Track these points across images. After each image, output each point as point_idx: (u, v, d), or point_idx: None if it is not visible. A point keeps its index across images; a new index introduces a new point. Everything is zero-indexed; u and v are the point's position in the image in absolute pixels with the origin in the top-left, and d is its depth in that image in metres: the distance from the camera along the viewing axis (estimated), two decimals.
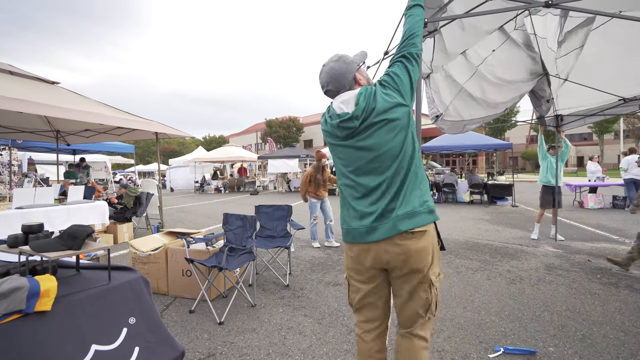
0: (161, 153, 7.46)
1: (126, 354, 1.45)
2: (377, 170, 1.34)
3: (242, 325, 2.63)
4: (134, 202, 6.23)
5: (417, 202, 1.33)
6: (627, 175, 8.07)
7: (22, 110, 3.76)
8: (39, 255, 1.46)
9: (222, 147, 20.24)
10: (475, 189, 10.73)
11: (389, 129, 1.31)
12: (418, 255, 1.32)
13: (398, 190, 1.33)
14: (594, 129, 31.51)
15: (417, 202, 1.33)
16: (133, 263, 3.36)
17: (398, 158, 1.33)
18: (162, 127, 6.12)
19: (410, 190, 1.33)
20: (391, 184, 1.33)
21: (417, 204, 1.33)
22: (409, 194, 1.33)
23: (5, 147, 7.68)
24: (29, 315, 1.26)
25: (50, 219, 4.20)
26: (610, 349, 2.21)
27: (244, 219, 3.36)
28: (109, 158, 13.86)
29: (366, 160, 1.36)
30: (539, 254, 4.54)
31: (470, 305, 2.93)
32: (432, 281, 1.37)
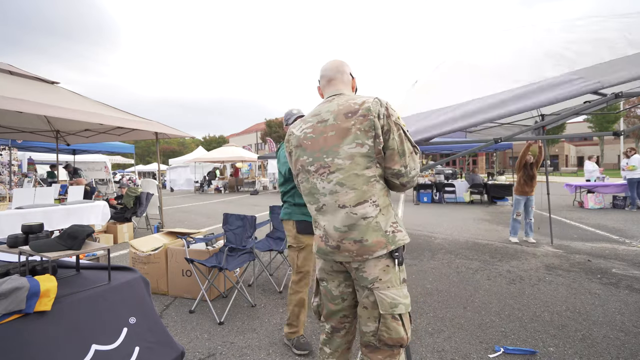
0: (161, 153, 7.46)
1: (126, 354, 1.45)
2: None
3: (242, 325, 2.63)
4: (133, 202, 6.23)
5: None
6: (636, 175, 8.06)
7: (22, 110, 3.76)
8: (39, 255, 1.45)
9: (222, 147, 20.24)
10: (475, 189, 10.74)
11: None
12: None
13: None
14: (594, 129, 31.53)
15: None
16: (133, 263, 3.36)
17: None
18: (162, 127, 6.12)
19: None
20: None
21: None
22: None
23: (5, 147, 7.67)
24: (29, 315, 1.26)
25: (50, 219, 4.20)
26: (610, 349, 2.21)
27: (244, 219, 3.35)
28: (109, 158, 13.85)
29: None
30: (539, 254, 4.54)
31: (470, 305, 2.93)
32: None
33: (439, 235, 5.88)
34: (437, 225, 6.79)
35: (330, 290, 1.40)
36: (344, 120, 1.27)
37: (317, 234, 1.38)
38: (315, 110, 1.41)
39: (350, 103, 1.29)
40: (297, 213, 2.25)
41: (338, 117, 1.29)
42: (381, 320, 1.25)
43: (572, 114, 2.49)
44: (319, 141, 1.32)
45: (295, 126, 1.45)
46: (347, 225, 1.25)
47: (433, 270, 3.91)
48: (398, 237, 1.26)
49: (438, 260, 4.32)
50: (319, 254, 1.38)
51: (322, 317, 1.47)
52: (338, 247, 1.27)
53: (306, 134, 1.37)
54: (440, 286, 3.39)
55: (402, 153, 1.27)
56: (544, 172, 5.21)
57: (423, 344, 2.31)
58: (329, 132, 1.30)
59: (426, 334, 2.46)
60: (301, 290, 2.30)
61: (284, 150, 1.92)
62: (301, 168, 1.39)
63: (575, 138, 7.03)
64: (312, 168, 1.34)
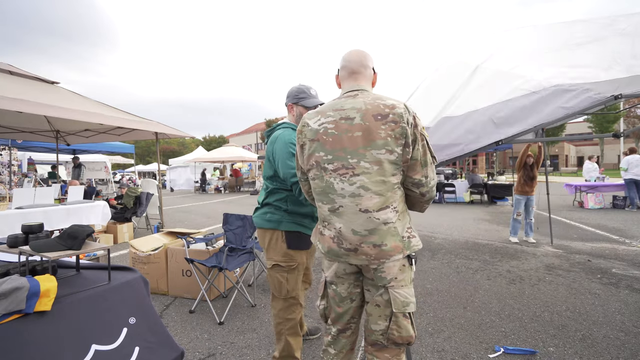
0: (161, 153, 7.46)
1: (126, 354, 1.45)
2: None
3: (242, 325, 2.63)
4: (133, 202, 6.23)
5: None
6: (628, 175, 8.08)
7: (22, 110, 3.76)
8: (39, 255, 1.45)
9: (222, 147, 20.25)
10: (475, 189, 10.74)
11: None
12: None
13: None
14: (594, 129, 31.53)
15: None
16: (133, 263, 3.36)
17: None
18: (162, 127, 6.12)
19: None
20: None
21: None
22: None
23: (5, 147, 7.68)
24: (29, 315, 1.26)
25: (50, 219, 4.20)
26: (610, 349, 2.21)
27: (244, 219, 3.35)
28: (109, 158, 13.86)
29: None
30: (539, 254, 4.54)
31: (470, 305, 2.93)
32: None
33: (439, 235, 5.88)
34: (437, 225, 6.79)
35: (339, 293, 1.36)
36: (372, 122, 1.21)
37: (326, 234, 1.31)
38: (336, 103, 1.31)
39: (379, 104, 1.24)
40: (289, 221, 1.78)
41: (366, 117, 1.23)
42: (392, 318, 1.25)
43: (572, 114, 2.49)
44: (342, 139, 1.25)
45: (312, 118, 1.34)
46: (368, 230, 1.22)
47: (433, 270, 3.91)
48: (413, 243, 1.27)
49: (438, 260, 4.32)
50: (330, 256, 1.32)
51: (329, 320, 1.43)
52: (355, 250, 1.24)
53: (327, 129, 1.28)
54: (440, 286, 3.39)
55: (424, 163, 1.27)
56: (544, 173, 5.20)
57: (423, 344, 2.31)
58: (355, 131, 1.23)
59: (426, 334, 2.46)
60: (294, 317, 1.88)
61: (288, 147, 1.68)
62: (315, 164, 1.31)
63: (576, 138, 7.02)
64: (330, 166, 1.27)
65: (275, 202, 1.81)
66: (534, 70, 2.63)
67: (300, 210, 1.79)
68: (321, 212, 1.34)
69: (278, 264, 1.81)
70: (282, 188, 1.79)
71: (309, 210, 1.81)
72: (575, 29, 3.08)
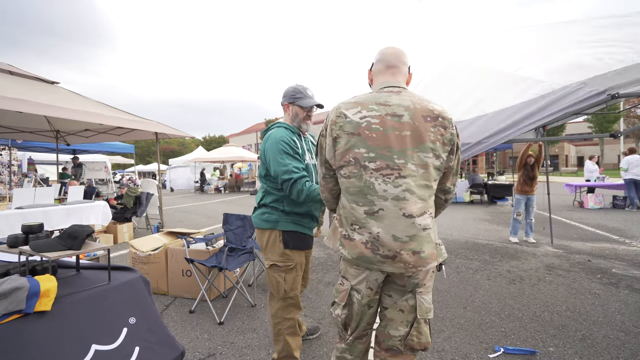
0: (161, 153, 7.47)
1: (126, 354, 1.45)
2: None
3: (242, 325, 2.63)
4: (133, 202, 6.23)
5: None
6: (628, 175, 8.08)
7: (22, 110, 3.76)
8: (39, 255, 1.45)
9: (222, 147, 20.26)
10: (475, 189, 10.74)
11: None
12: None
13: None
14: (594, 129, 31.53)
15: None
16: (133, 263, 3.36)
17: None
18: (162, 127, 6.12)
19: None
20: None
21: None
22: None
23: (5, 147, 7.68)
24: (29, 315, 1.26)
25: (50, 219, 4.20)
26: (610, 349, 2.21)
27: (244, 219, 3.35)
28: (108, 158, 13.86)
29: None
30: (539, 254, 4.54)
31: (470, 305, 2.93)
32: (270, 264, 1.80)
33: (439, 235, 5.87)
34: (436, 225, 6.78)
35: (360, 301, 1.28)
36: (422, 122, 1.15)
37: (356, 239, 1.20)
38: (378, 97, 1.21)
39: (426, 105, 1.18)
40: (287, 221, 1.78)
41: (415, 116, 1.15)
42: (415, 324, 1.23)
43: (573, 114, 2.50)
44: (389, 137, 1.15)
45: (350, 108, 1.21)
46: (409, 236, 1.15)
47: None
48: (443, 250, 1.26)
49: None
50: (360, 262, 1.21)
51: (349, 330, 1.34)
52: (394, 257, 1.15)
53: (370, 123, 1.17)
54: (440, 286, 3.39)
55: (455, 172, 1.29)
56: (544, 172, 5.19)
57: None
58: (403, 130, 1.15)
59: None
60: (291, 317, 1.87)
61: (279, 144, 1.68)
62: (354, 161, 1.19)
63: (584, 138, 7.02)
64: (371, 165, 1.16)
65: (271, 204, 1.81)
66: (539, 71, 2.62)
67: (297, 210, 1.79)
68: (353, 213, 1.22)
69: (276, 264, 1.80)
70: (276, 189, 1.79)
71: (306, 210, 1.81)
72: (577, 28, 3.08)
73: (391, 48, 1.33)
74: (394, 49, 1.32)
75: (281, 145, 1.69)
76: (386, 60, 1.30)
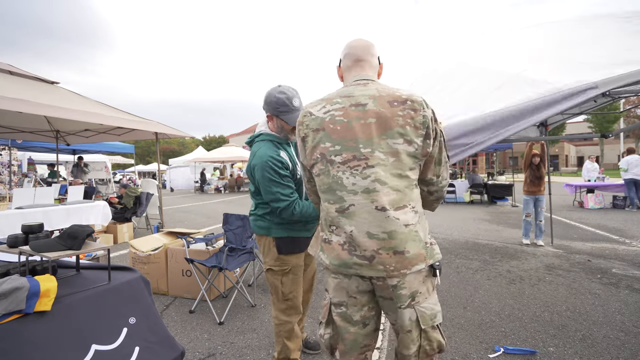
0: (161, 153, 7.49)
1: (126, 354, 1.45)
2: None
3: (242, 325, 2.63)
4: (133, 202, 6.23)
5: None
6: (627, 175, 8.09)
7: (22, 110, 3.76)
8: (39, 255, 1.45)
9: (222, 147, 20.27)
10: (475, 189, 10.74)
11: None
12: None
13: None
14: (594, 129, 31.54)
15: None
16: (133, 263, 3.36)
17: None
18: (162, 127, 6.12)
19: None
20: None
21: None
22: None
23: (5, 147, 7.68)
24: (29, 315, 1.26)
25: (50, 219, 4.20)
26: (610, 349, 2.21)
27: (244, 219, 3.35)
28: (109, 158, 13.87)
29: None
30: (539, 254, 4.54)
31: (470, 305, 2.93)
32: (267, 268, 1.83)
33: (439, 235, 5.88)
34: (437, 225, 6.79)
35: (349, 316, 1.14)
36: (388, 107, 1.07)
37: (335, 240, 1.11)
38: (344, 91, 1.16)
39: (393, 92, 1.11)
40: (278, 228, 1.77)
41: (380, 103, 1.08)
42: (422, 335, 1.10)
43: (573, 114, 2.49)
44: (353, 127, 1.09)
45: (315, 106, 1.18)
46: (387, 232, 1.03)
47: None
48: (435, 251, 1.13)
49: None
50: (339, 268, 1.10)
51: (338, 353, 1.18)
52: (372, 258, 1.04)
53: (334, 116, 1.12)
54: (440, 286, 3.39)
55: (438, 162, 1.17)
56: (546, 173, 5.17)
57: None
58: (368, 118, 1.08)
59: None
60: (291, 320, 1.86)
61: (266, 171, 1.61)
62: (320, 157, 1.14)
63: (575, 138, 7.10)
64: (337, 158, 1.10)
65: (262, 214, 1.82)
66: (544, 72, 2.59)
67: (287, 220, 1.78)
68: (328, 214, 1.14)
69: (271, 268, 1.82)
70: (265, 204, 1.78)
71: (296, 219, 1.78)
72: (579, 28, 3.07)
73: (357, 40, 1.26)
74: (360, 41, 1.26)
75: (267, 172, 1.62)
76: (354, 55, 1.24)
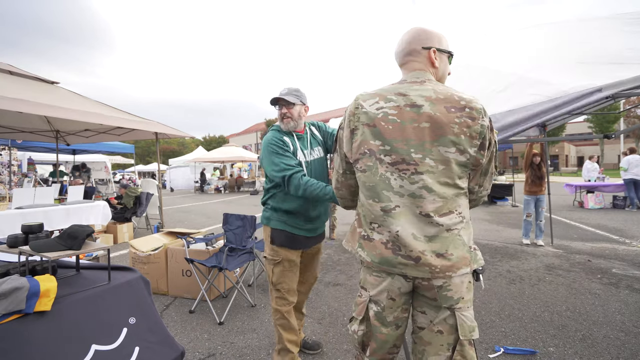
0: (161, 153, 7.50)
1: (126, 354, 1.45)
2: None
3: (242, 325, 2.63)
4: (133, 202, 6.23)
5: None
6: (628, 175, 8.09)
7: (22, 110, 3.76)
8: (39, 255, 1.45)
9: (222, 147, 20.27)
10: None
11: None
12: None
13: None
14: (594, 129, 31.52)
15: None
16: (133, 263, 3.36)
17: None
18: (162, 127, 6.12)
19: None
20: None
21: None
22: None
23: (5, 147, 7.68)
24: (29, 315, 1.26)
25: (50, 219, 4.20)
26: (610, 349, 2.21)
27: (244, 219, 3.35)
28: (108, 158, 13.86)
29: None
30: (539, 254, 4.54)
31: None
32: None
33: None
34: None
35: (384, 317, 1.12)
36: (444, 112, 1.03)
37: (377, 238, 1.10)
38: (399, 87, 1.12)
39: (452, 94, 1.06)
40: (276, 219, 1.87)
41: (436, 106, 1.04)
42: (457, 347, 1.05)
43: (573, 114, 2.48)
44: (405, 129, 1.06)
45: (367, 99, 1.14)
46: (428, 236, 1.04)
47: None
48: (479, 256, 1.10)
49: None
50: (381, 266, 1.09)
51: (369, 350, 1.18)
52: (417, 258, 1.03)
53: (387, 114, 1.08)
54: None
55: (484, 172, 1.13)
56: (545, 172, 5.16)
57: None
58: (422, 122, 1.05)
59: None
60: (280, 309, 1.94)
61: (269, 147, 1.78)
62: (368, 152, 1.11)
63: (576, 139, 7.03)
64: (387, 159, 1.08)
65: (267, 201, 1.96)
66: (547, 74, 2.58)
67: (283, 206, 1.86)
68: (371, 212, 1.12)
69: (266, 257, 1.96)
70: (270, 187, 1.91)
71: (292, 207, 1.85)
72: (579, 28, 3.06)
73: (414, 31, 1.19)
74: (415, 32, 1.18)
75: (270, 147, 1.79)
76: (407, 49, 1.19)
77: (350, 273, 3.86)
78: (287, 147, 1.81)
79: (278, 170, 1.72)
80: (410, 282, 1.09)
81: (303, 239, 1.91)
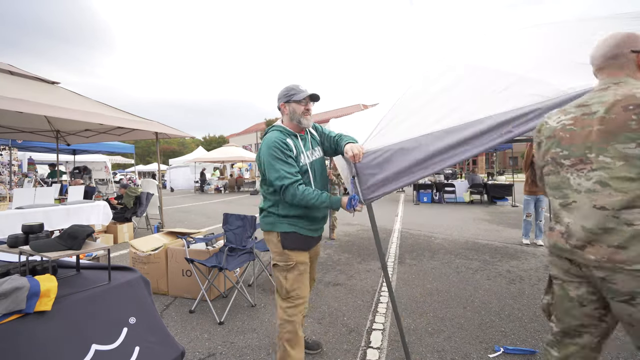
0: (161, 153, 7.50)
1: (126, 353, 1.45)
2: None
3: (242, 325, 2.63)
4: (134, 202, 6.23)
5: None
6: None
7: (22, 110, 3.76)
8: (39, 255, 1.45)
9: (222, 147, 20.27)
10: (475, 189, 10.74)
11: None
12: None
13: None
14: None
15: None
16: (133, 263, 3.37)
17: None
18: (162, 127, 6.12)
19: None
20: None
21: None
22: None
23: (5, 147, 7.68)
24: (29, 315, 1.26)
25: (50, 219, 4.20)
26: (610, 349, 2.21)
27: (244, 219, 3.36)
28: (109, 158, 13.86)
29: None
30: (539, 254, 4.54)
31: (470, 305, 2.93)
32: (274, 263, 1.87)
33: (439, 235, 5.88)
34: (437, 225, 6.79)
35: (566, 291, 1.28)
36: (620, 113, 1.12)
37: (557, 229, 1.27)
38: (583, 99, 1.28)
39: (633, 93, 1.12)
40: (283, 223, 1.81)
41: (613, 109, 1.14)
42: None
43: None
44: (580, 135, 1.22)
45: (552, 116, 1.36)
46: (602, 229, 1.11)
47: (433, 270, 3.91)
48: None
49: (438, 260, 4.32)
50: (552, 249, 1.30)
51: (553, 317, 1.36)
52: (583, 247, 1.16)
53: (564, 125, 1.28)
54: (440, 286, 3.39)
55: None
56: None
57: (423, 344, 2.31)
58: (595, 125, 1.17)
59: (426, 334, 2.46)
60: (292, 320, 1.78)
61: (271, 150, 1.70)
62: (551, 160, 1.32)
63: None
64: (566, 162, 1.25)
65: (268, 209, 1.87)
66: (546, 74, 2.56)
67: (292, 212, 1.81)
68: (553, 207, 1.33)
69: (277, 264, 1.85)
70: (270, 194, 1.84)
71: (300, 213, 1.81)
72: (578, 29, 3.06)
73: (601, 44, 1.30)
74: (602, 45, 1.30)
75: (273, 151, 1.72)
76: (594, 64, 1.32)
77: (350, 273, 3.86)
78: (290, 150, 1.75)
79: (277, 177, 1.69)
80: (577, 267, 1.24)
81: (310, 239, 1.91)
